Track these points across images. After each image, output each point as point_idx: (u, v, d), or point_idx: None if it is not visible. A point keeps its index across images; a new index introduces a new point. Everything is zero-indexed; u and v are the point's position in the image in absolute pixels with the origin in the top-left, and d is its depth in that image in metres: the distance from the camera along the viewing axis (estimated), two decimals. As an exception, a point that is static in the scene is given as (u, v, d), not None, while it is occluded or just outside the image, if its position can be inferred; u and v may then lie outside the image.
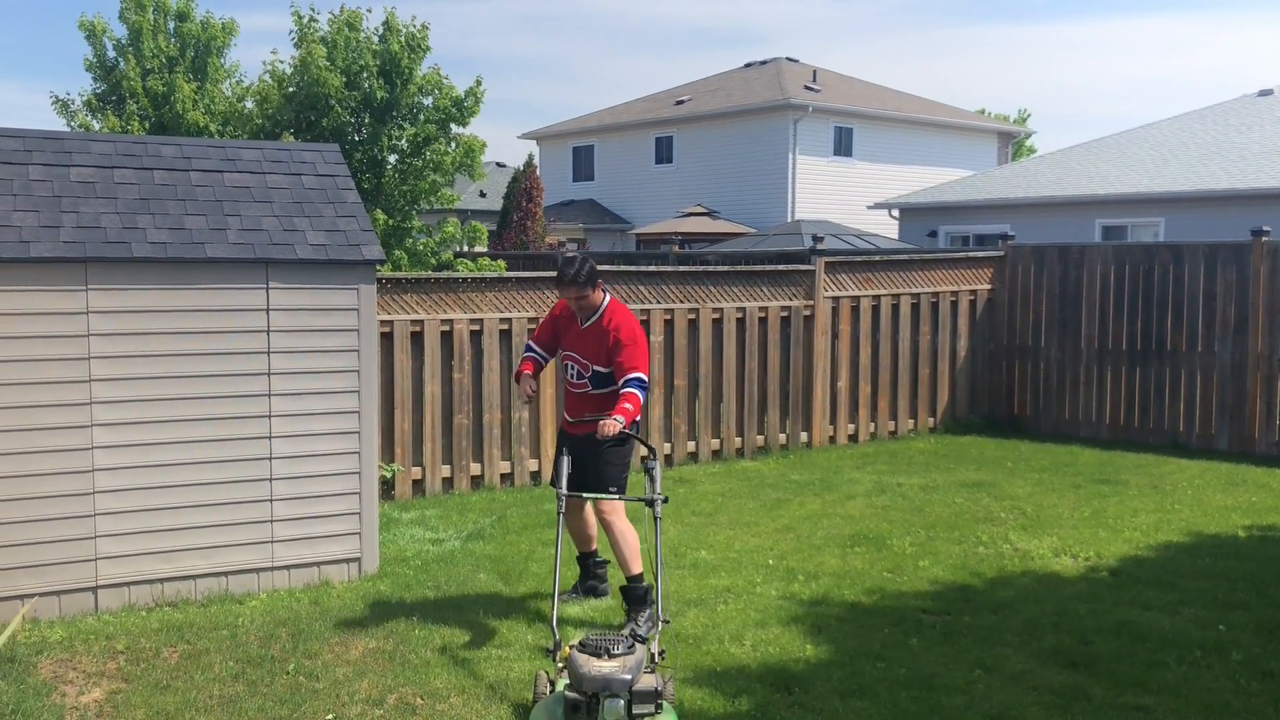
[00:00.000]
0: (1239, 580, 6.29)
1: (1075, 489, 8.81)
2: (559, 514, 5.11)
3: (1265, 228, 10.39)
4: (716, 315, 10.11)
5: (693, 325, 10.02)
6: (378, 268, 6.82)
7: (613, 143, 33.84)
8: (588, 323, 5.71)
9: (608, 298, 5.76)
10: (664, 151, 32.43)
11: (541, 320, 5.87)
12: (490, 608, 5.91)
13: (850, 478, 9.25)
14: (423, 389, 8.88)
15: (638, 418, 5.60)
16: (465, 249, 15.74)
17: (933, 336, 11.41)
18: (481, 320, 9.08)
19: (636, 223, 31.64)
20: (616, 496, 5.56)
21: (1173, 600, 5.96)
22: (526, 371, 5.80)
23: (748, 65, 35.15)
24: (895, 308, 11.12)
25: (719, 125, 30.78)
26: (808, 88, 30.54)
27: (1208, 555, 6.87)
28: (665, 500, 5.07)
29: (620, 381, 5.57)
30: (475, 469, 9.11)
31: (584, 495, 5.58)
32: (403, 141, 13.79)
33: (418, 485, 8.88)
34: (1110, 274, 11.14)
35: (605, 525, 5.68)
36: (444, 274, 9.34)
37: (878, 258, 11.65)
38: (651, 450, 5.35)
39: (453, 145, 13.86)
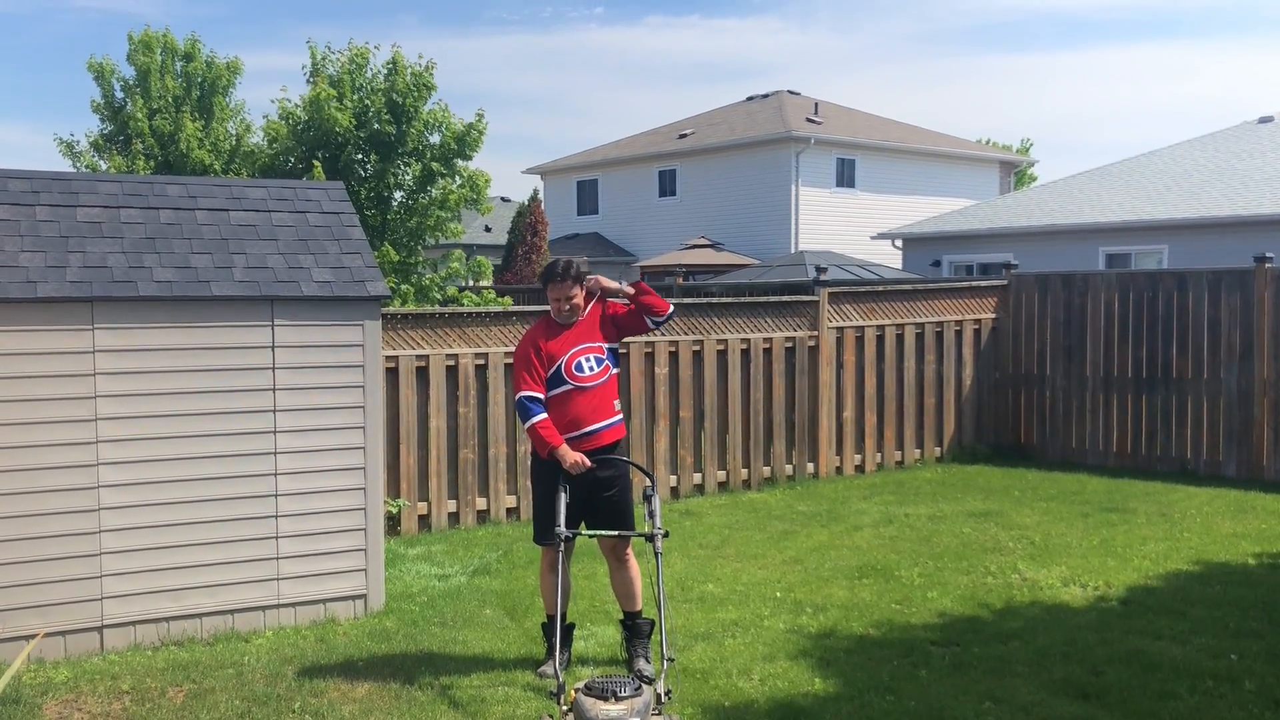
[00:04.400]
0: (1250, 608, 6.24)
1: (1083, 517, 8.77)
2: (560, 555, 4.97)
3: (1269, 254, 10.40)
4: (721, 347, 10.13)
5: (697, 357, 10.03)
6: (383, 303, 6.85)
7: (616, 176, 34.01)
8: (578, 319, 5.49)
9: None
10: (667, 184, 32.58)
11: (522, 364, 5.36)
12: (496, 644, 5.88)
13: (857, 508, 9.22)
14: (428, 423, 8.89)
15: (656, 302, 5.51)
16: (470, 283, 15.82)
17: (938, 365, 11.41)
18: (486, 354, 9.10)
19: (641, 255, 31.74)
20: (629, 534, 5.33)
21: (1183, 629, 5.92)
22: (565, 446, 5.25)
23: (750, 98, 35.37)
24: (900, 337, 11.13)
25: (722, 158, 30.94)
26: (809, 120, 30.70)
27: (1218, 583, 6.82)
28: (666, 535, 4.94)
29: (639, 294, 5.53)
30: (481, 503, 9.10)
31: (596, 534, 5.32)
32: (409, 177, 13.88)
33: (423, 520, 8.86)
34: (1114, 301, 11.15)
35: (626, 563, 5.47)
36: (449, 309, 9.37)
37: (881, 288, 11.66)
38: (652, 480, 5.30)
39: (458, 180, 13.95)
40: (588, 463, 5.15)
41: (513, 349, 9.19)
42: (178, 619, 6.02)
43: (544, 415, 5.26)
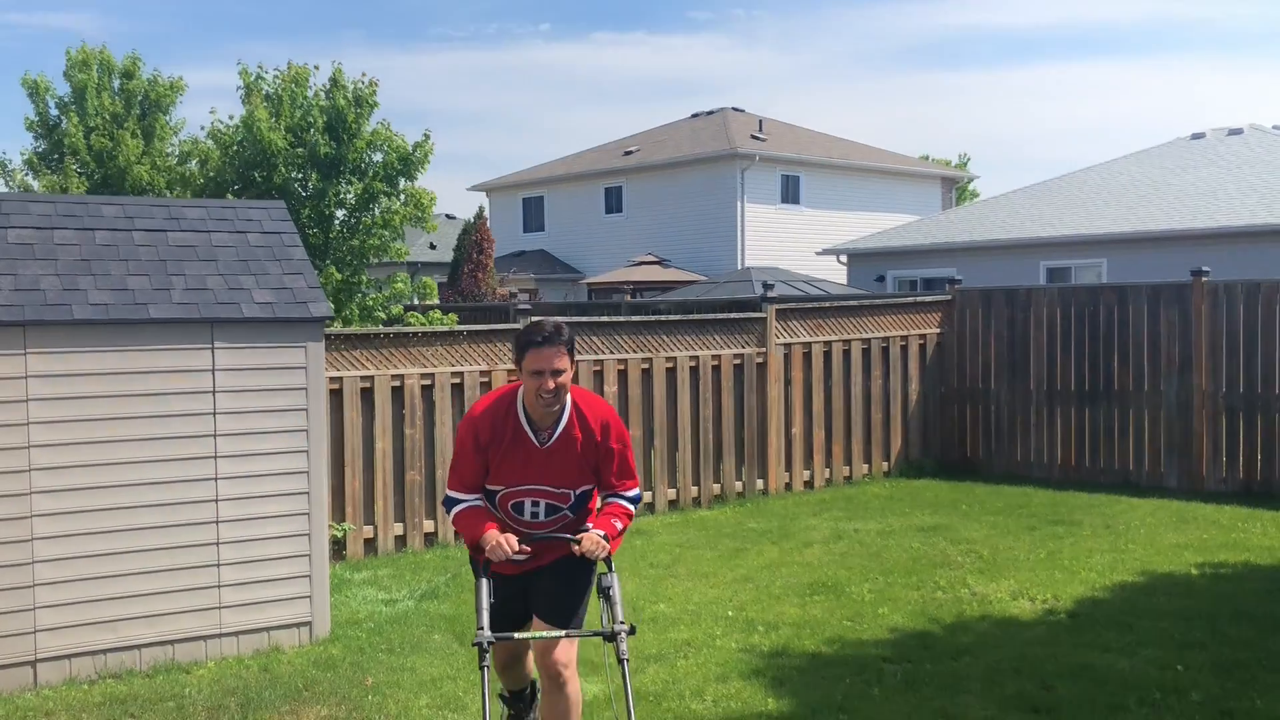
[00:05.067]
0: (1194, 619, 6.32)
1: (1030, 530, 8.85)
2: (481, 667, 3.68)
3: (1205, 268, 10.61)
4: (670, 364, 10.11)
5: (646, 375, 10.00)
6: (326, 324, 6.74)
7: (563, 193, 34.00)
8: (554, 432, 3.97)
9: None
10: (614, 201, 32.62)
11: (454, 457, 4.09)
12: (445, 669, 5.78)
13: (807, 524, 9.23)
14: (374, 446, 8.76)
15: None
16: (415, 302, 15.67)
17: (884, 381, 11.48)
18: (433, 375, 8.99)
19: (588, 272, 31.71)
20: (576, 633, 3.96)
21: (1130, 641, 5.97)
22: (492, 529, 3.93)
23: (695, 115, 35.55)
24: (846, 353, 11.19)
25: (667, 175, 31.05)
26: (754, 137, 30.93)
27: (1162, 594, 6.90)
28: (632, 631, 3.75)
29: (608, 496, 4.10)
30: (429, 525, 8.98)
31: (530, 636, 3.95)
32: (350, 196, 13.74)
33: (370, 544, 8.72)
34: (1057, 316, 11.30)
35: (562, 683, 3.99)
36: (394, 329, 9.27)
37: (828, 304, 11.72)
38: (609, 564, 3.97)
39: (401, 198, 13.84)
40: (515, 547, 3.83)
41: (460, 368, 9.13)
42: (115, 650, 5.84)
43: (471, 504, 4.03)
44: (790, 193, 30.44)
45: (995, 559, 7.93)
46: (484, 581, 3.89)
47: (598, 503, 4.11)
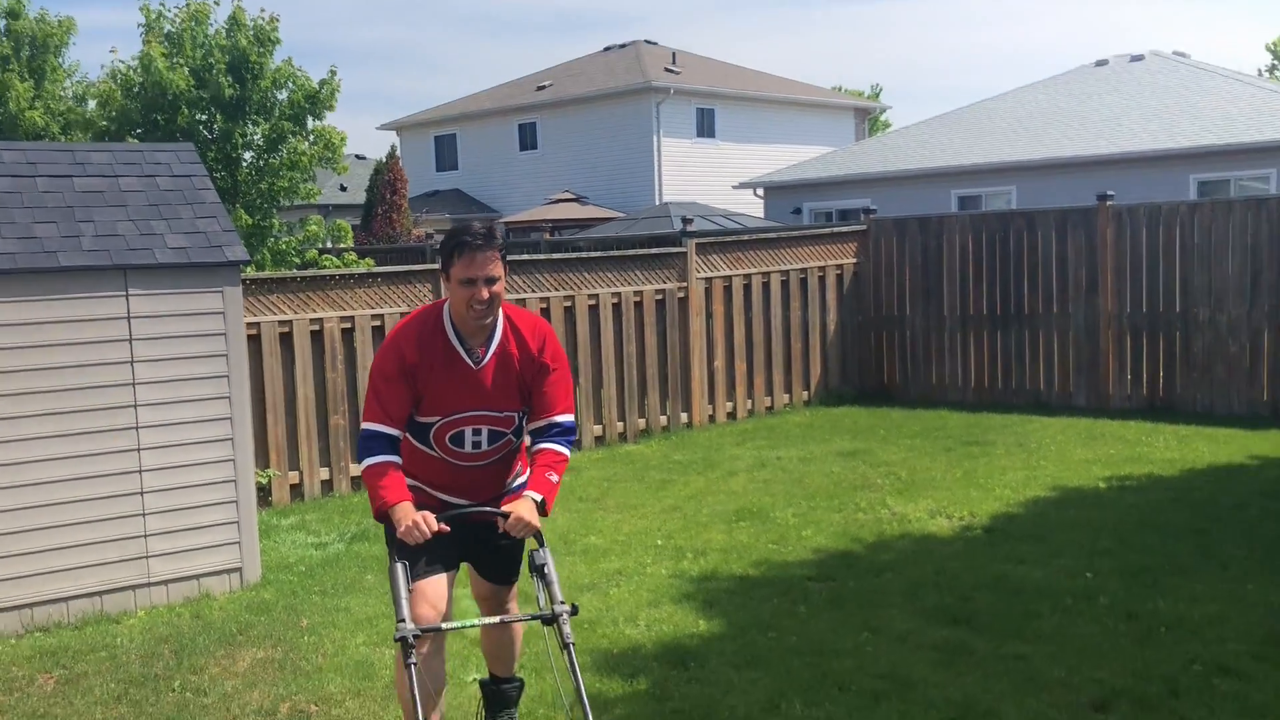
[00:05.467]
0: (1102, 529, 6.61)
1: (946, 452, 9.13)
2: (407, 665, 3.21)
3: (1110, 192, 10.91)
4: (592, 301, 10.13)
5: (569, 313, 10.01)
6: (242, 268, 6.62)
7: (475, 131, 33.49)
8: (488, 349, 3.58)
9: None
10: (528, 138, 32.26)
11: (373, 385, 3.57)
12: (381, 609, 5.82)
13: (731, 454, 9.40)
14: (295, 391, 8.67)
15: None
16: (330, 245, 15.39)
17: (803, 312, 11.65)
18: (353, 317, 8.91)
19: (504, 211, 31.40)
20: (511, 618, 3.70)
21: (1043, 553, 6.23)
22: (405, 503, 3.43)
23: (607, 49, 35.17)
24: (766, 285, 11.31)
25: (582, 110, 30.75)
26: (668, 70, 30.73)
27: (1073, 507, 7.20)
28: (574, 611, 3.35)
29: (540, 429, 3.68)
30: (355, 469, 8.94)
31: (467, 624, 3.59)
32: (257, 137, 13.37)
33: (295, 490, 8.68)
34: (969, 243, 11.55)
35: (507, 613, 3.84)
36: (311, 272, 9.14)
37: (746, 237, 11.82)
38: (541, 539, 3.55)
39: (310, 139, 13.52)
40: (434, 527, 3.36)
41: (380, 311, 9.04)
42: (41, 604, 5.77)
43: (385, 458, 3.49)
44: (706, 126, 30.39)
45: (913, 480, 8.18)
46: (400, 566, 3.37)
47: (536, 440, 3.68)
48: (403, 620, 3.27)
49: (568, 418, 3.70)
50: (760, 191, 25.44)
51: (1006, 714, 4.18)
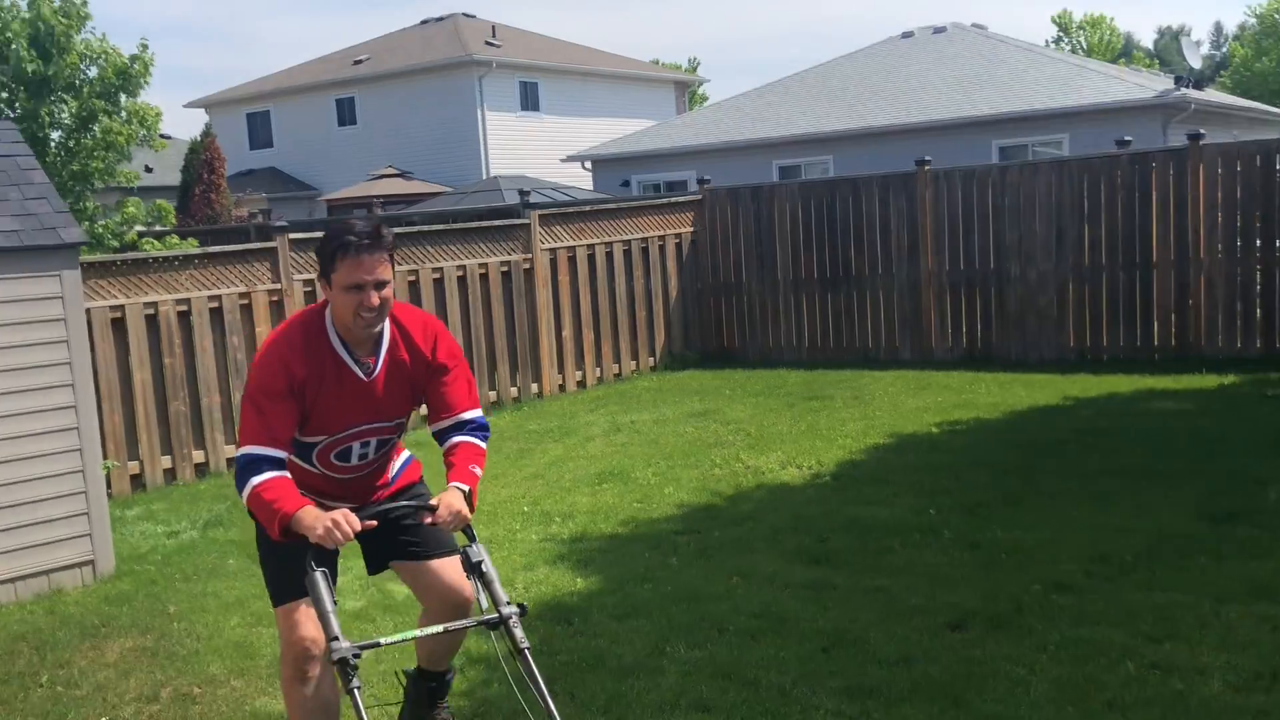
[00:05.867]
0: (939, 471, 7.08)
1: (789, 407, 9.54)
2: (350, 690, 2.82)
3: (928, 158, 11.53)
4: (437, 275, 10.10)
5: (413, 287, 9.96)
6: (80, 250, 6.36)
7: (290, 107, 32.41)
8: (377, 358, 3.27)
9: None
10: (346, 113, 31.44)
11: (251, 404, 3.13)
12: (250, 590, 5.73)
13: (586, 421, 9.57)
14: (131, 378, 8.38)
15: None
16: (148, 228, 14.73)
17: (645, 280, 11.90)
18: (189, 300, 8.64)
19: (325, 189, 30.56)
20: (456, 625, 3.27)
21: (888, 494, 6.64)
22: (309, 506, 3.02)
23: (424, 22, 34.54)
24: (609, 255, 11.50)
25: (402, 84, 30.17)
26: (489, 43, 30.47)
27: (910, 452, 7.68)
28: (524, 611, 3.03)
29: (448, 428, 3.38)
30: (199, 456, 8.71)
31: (406, 638, 3.12)
32: (65, 117, 12.67)
33: (137, 480, 8.39)
34: (799, 209, 12.02)
35: (463, 604, 3.48)
36: (144, 254, 8.81)
37: (588, 208, 11.98)
38: (471, 535, 3.19)
39: (123, 116, 12.90)
40: (358, 525, 2.98)
41: (216, 292, 8.79)
42: (-122, 612, 5.45)
43: (273, 474, 3.06)
44: (530, 100, 30.31)
45: (762, 435, 8.53)
46: (318, 576, 2.94)
47: (445, 438, 3.36)
48: (335, 639, 2.84)
49: (477, 413, 3.40)
50: (588, 164, 25.59)
51: (874, 639, 4.49)
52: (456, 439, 3.34)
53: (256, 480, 3.04)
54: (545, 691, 2.90)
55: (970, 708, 3.85)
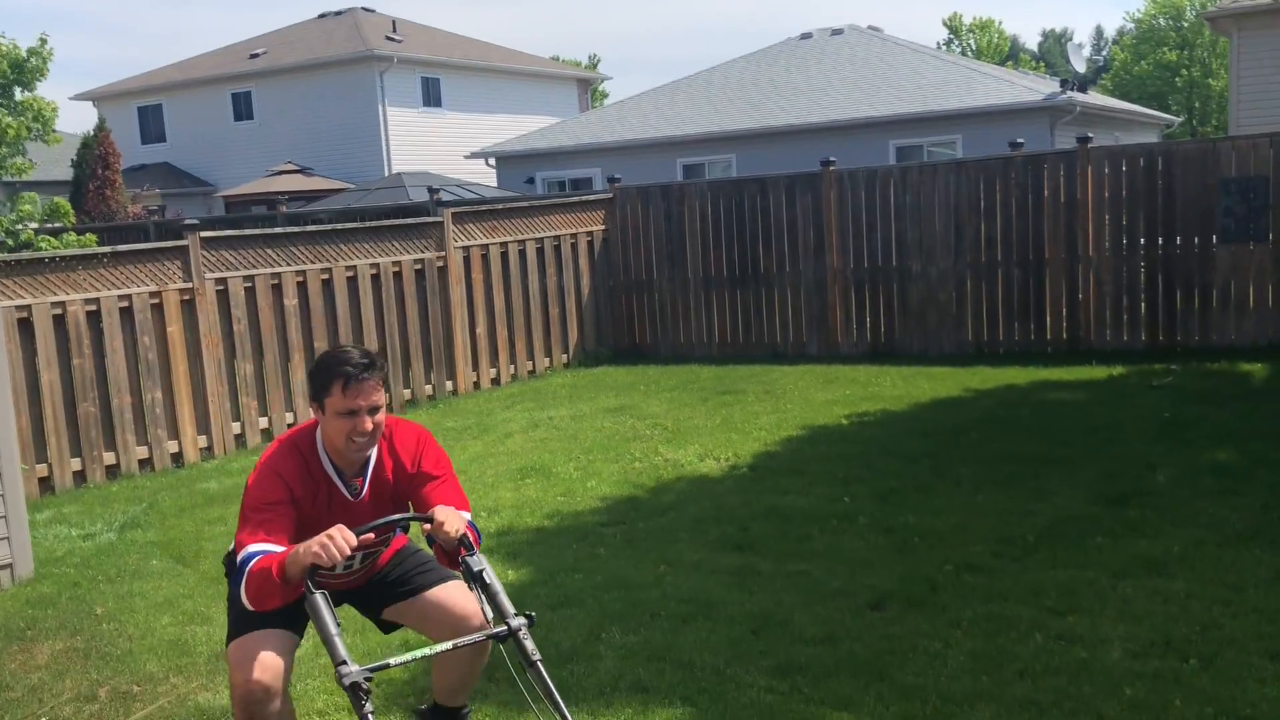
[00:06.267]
0: (851, 460, 7.37)
1: (703, 402, 9.77)
2: (364, 716, 2.77)
3: (832, 158, 11.88)
4: (350, 273, 10.08)
5: (326, 285, 9.92)
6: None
7: (184, 100, 31.63)
8: (365, 479, 3.34)
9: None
10: (243, 108, 30.82)
11: (261, 509, 3.15)
12: (178, 589, 5.74)
13: (503, 418, 9.66)
14: (38, 379, 8.21)
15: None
16: (41, 225, 14.30)
17: (558, 278, 12.03)
18: (98, 299, 8.50)
19: (222, 184, 29.93)
20: (464, 641, 3.09)
21: (803, 483, 6.90)
22: (294, 547, 3.01)
23: (322, 15, 34.04)
24: (522, 253, 11.60)
25: (301, 78, 29.70)
26: (389, 38, 30.18)
27: (822, 443, 7.97)
28: (532, 621, 3.01)
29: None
30: (109, 458, 8.58)
31: (409, 659, 3.04)
32: (-44, 111, 12.27)
33: (45, 483, 8.24)
34: (708, 208, 12.27)
35: (471, 627, 3.31)
36: (50, 253, 8.63)
37: (500, 206, 12.04)
38: (470, 543, 3.11)
39: (17, 111, 12.52)
40: (352, 540, 2.95)
41: (126, 291, 8.65)
42: None
43: (261, 552, 3.07)
44: (432, 96, 30.10)
45: (678, 429, 8.74)
46: (318, 597, 2.89)
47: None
48: (343, 662, 2.77)
49: (466, 515, 3.23)
50: (492, 161, 25.57)
51: (800, 620, 4.72)
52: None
53: (249, 566, 3.04)
54: (561, 703, 2.88)
55: (893, 680, 4.10)
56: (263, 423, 9.47)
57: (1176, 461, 6.75)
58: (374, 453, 3.33)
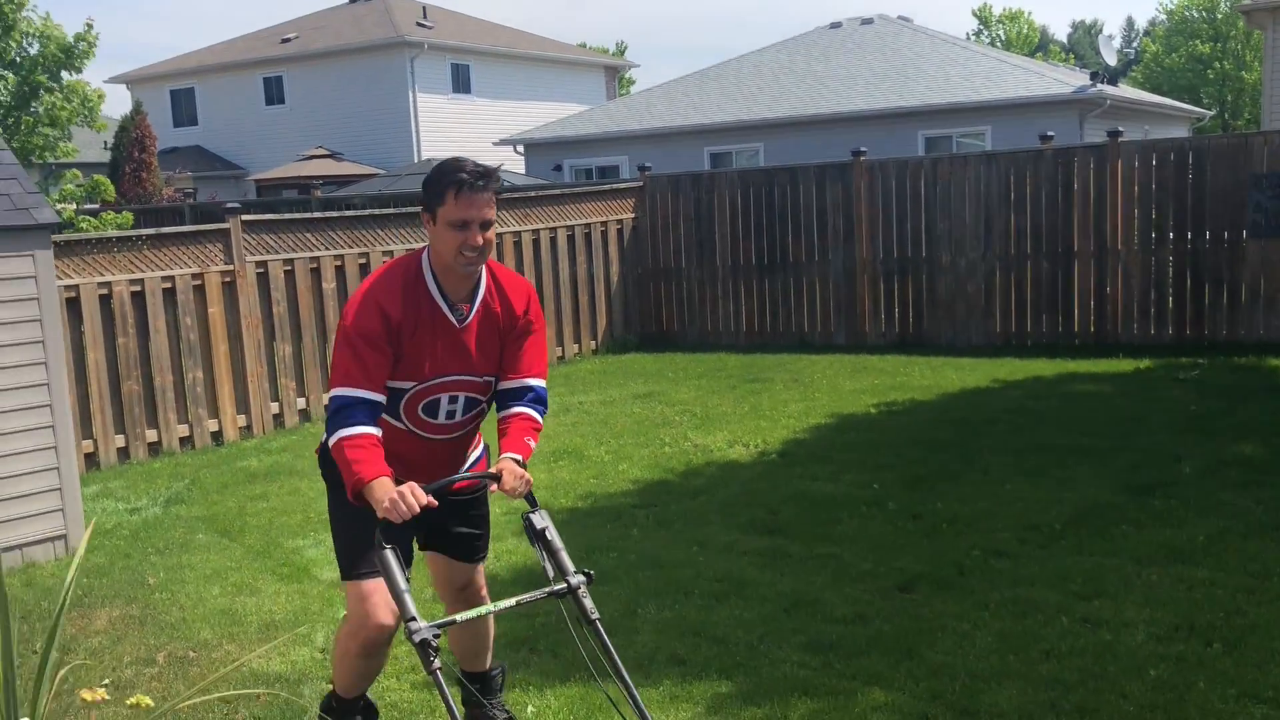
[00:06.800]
0: (879, 448, 7.50)
1: (731, 389, 9.90)
2: (432, 671, 2.79)
3: (863, 148, 11.97)
4: (387, 258, 10.24)
5: (364, 269, 10.09)
6: (54, 230, 6.45)
7: (216, 84, 31.93)
8: (471, 306, 3.25)
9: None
10: (274, 92, 31.08)
11: (358, 343, 3.09)
12: (225, 563, 5.93)
13: (535, 401, 9.80)
14: (85, 357, 8.43)
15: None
16: (79, 205, 14.57)
17: (589, 265, 12.18)
18: (142, 280, 8.70)
19: (252, 169, 30.22)
20: (526, 598, 3.06)
21: (832, 470, 7.03)
22: (385, 479, 2.99)
23: (353, 1, 34.23)
24: (553, 240, 11.75)
25: (332, 63, 29.92)
26: (420, 24, 30.35)
27: (851, 431, 8.09)
28: (591, 579, 3.03)
29: (512, 392, 3.35)
30: (152, 435, 8.79)
31: (463, 617, 3.06)
32: (4, 95, 12.51)
33: (90, 459, 8.45)
34: (738, 197, 12.38)
35: (477, 595, 3.64)
36: (98, 235, 8.84)
37: (534, 194, 12.21)
38: (533, 499, 3.14)
39: (65, 94, 12.77)
40: (424, 500, 2.92)
41: (170, 273, 8.85)
42: None
43: (364, 429, 3.05)
44: (461, 82, 30.27)
45: (707, 415, 8.88)
46: (388, 553, 2.89)
47: (506, 402, 3.34)
48: (413, 619, 2.79)
49: (542, 382, 3.39)
50: (521, 149, 25.71)
51: (830, 600, 4.86)
52: (515, 408, 3.31)
53: (346, 433, 3.04)
54: (618, 659, 2.91)
55: (922, 658, 4.24)
56: (300, 404, 9.67)
57: (1202, 453, 6.83)
58: (483, 283, 3.26)
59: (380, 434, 3.10)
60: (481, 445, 3.60)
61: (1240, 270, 10.38)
